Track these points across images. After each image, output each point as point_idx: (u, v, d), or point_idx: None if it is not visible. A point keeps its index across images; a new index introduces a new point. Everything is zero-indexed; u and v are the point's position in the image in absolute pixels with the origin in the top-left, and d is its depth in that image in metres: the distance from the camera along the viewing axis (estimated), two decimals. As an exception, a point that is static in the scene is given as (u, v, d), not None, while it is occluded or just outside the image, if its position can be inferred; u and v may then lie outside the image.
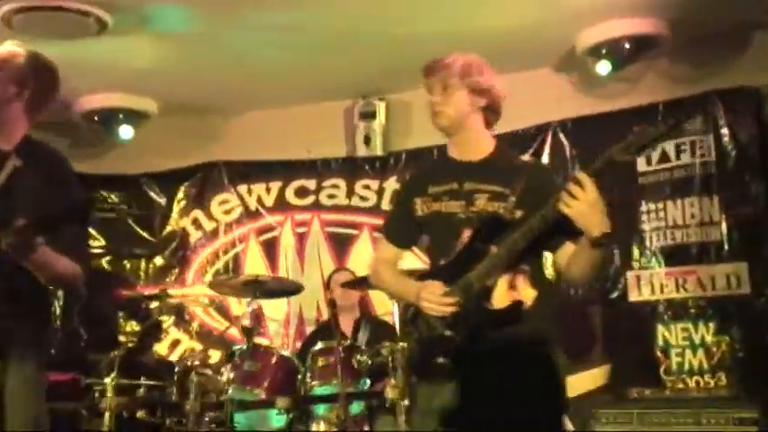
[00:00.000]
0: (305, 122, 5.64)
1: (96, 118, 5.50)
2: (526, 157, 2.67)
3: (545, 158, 5.16)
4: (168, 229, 5.91)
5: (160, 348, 5.70)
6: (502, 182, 2.47)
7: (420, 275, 2.59)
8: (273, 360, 4.03)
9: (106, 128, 5.55)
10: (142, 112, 5.55)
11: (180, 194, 5.91)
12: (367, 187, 5.61)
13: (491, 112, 2.59)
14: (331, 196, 5.67)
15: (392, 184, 5.53)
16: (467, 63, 2.54)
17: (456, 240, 2.47)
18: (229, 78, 5.26)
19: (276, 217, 5.74)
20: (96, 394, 4.40)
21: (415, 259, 3.41)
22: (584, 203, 2.15)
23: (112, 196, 5.95)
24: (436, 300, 2.40)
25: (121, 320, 5.85)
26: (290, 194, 5.75)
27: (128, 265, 5.93)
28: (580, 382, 4.14)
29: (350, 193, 5.63)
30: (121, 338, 5.75)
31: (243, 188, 5.83)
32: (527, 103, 4.90)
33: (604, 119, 4.91)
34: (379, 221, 5.43)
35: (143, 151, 5.81)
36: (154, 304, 5.04)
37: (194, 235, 5.89)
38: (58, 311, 5.73)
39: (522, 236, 2.31)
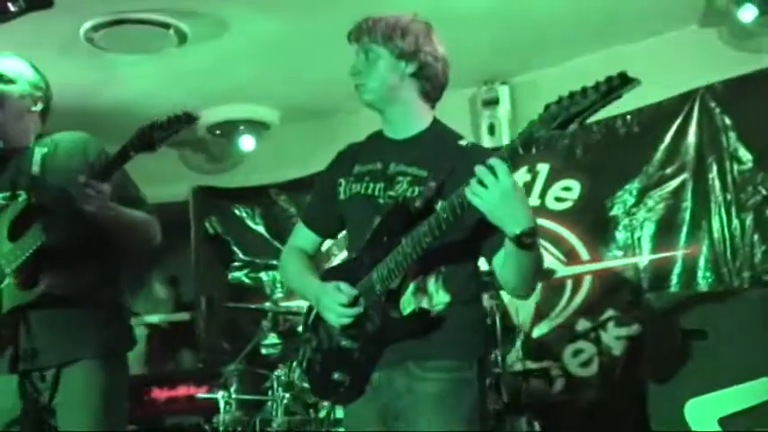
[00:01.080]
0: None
1: (219, 131, 5.52)
2: (466, 140, 2.14)
3: (692, 130, 4.51)
4: (300, 238, 5.80)
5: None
6: (427, 165, 2.04)
7: (325, 271, 2.21)
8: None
9: (229, 140, 5.56)
10: (263, 121, 5.51)
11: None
12: (495, 181, 5.17)
13: (425, 81, 2.13)
14: (459, 193, 5.29)
15: (523, 175, 5.06)
16: (390, 24, 2.11)
17: (369, 229, 2.08)
18: (346, 77, 5.05)
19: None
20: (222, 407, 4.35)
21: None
22: (495, 193, 1.72)
23: (244, 209, 5.94)
24: (335, 309, 2.04)
25: (262, 333, 5.83)
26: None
27: (265, 277, 5.90)
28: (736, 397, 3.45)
29: (479, 187, 5.22)
30: (263, 351, 5.75)
31: (370, 191, 5.61)
32: (667, 69, 4.31)
33: (759, 78, 4.19)
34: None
35: (269, 161, 5.77)
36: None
37: (325, 243, 5.72)
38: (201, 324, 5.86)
39: (430, 230, 1.87)
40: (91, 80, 4.53)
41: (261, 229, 5.91)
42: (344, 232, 2.29)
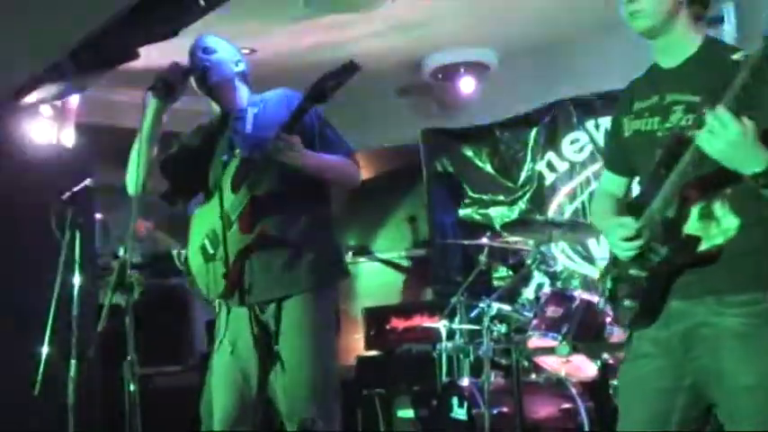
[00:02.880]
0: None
1: (441, 76, 5.74)
2: (741, 53, 2.03)
3: None
4: (525, 174, 5.90)
5: (527, 293, 5.77)
6: (700, 89, 1.99)
7: (621, 209, 2.25)
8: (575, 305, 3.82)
9: (452, 83, 5.77)
10: (482, 63, 5.64)
11: (531, 139, 5.85)
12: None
13: (699, 5, 2.09)
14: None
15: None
16: None
17: (652, 163, 2.07)
18: (560, 13, 5.02)
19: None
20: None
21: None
22: (722, 142, 1.80)
23: (471, 148, 6.13)
24: (618, 244, 2.11)
25: (492, 267, 6.04)
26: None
27: (493, 213, 6.08)
28: None
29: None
30: (494, 284, 5.96)
31: (590, 124, 5.54)
32: None
33: None
34: None
35: (492, 100, 5.89)
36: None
37: (549, 178, 5.79)
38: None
39: (691, 158, 1.90)
40: (314, 42, 4.95)
41: (488, 167, 6.07)
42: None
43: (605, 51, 5.38)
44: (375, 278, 7.26)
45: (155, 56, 4.23)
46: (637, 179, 2.32)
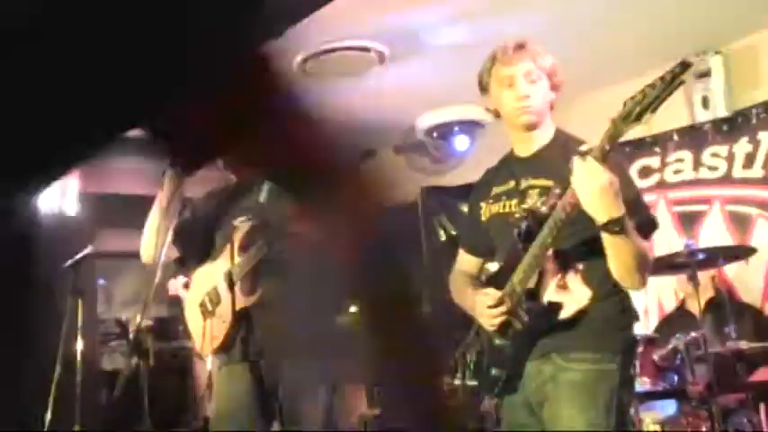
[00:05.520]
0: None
1: (435, 134, 5.85)
2: (587, 145, 2.21)
3: None
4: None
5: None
6: (553, 175, 2.19)
7: (481, 283, 2.46)
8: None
9: (446, 142, 5.87)
10: (476, 120, 5.74)
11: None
12: (716, 155, 4.95)
13: (554, 95, 2.36)
14: (677, 171, 5.14)
15: (744, 146, 4.81)
16: (540, 49, 2.34)
17: (510, 241, 2.29)
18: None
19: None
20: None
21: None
22: (595, 185, 1.96)
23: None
24: (484, 312, 2.28)
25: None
26: (633, 176, 5.35)
27: (491, 268, 6.09)
28: None
29: (696, 164, 5.03)
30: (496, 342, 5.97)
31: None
32: None
33: None
34: (733, 191, 4.81)
35: (487, 157, 5.94)
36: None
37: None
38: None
39: (549, 230, 2.07)
40: (307, 106, 5.05)
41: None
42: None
43: (592, 106, 5.49)
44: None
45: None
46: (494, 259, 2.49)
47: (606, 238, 2.03)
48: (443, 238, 6.26)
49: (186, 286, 3.15)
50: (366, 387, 4.90)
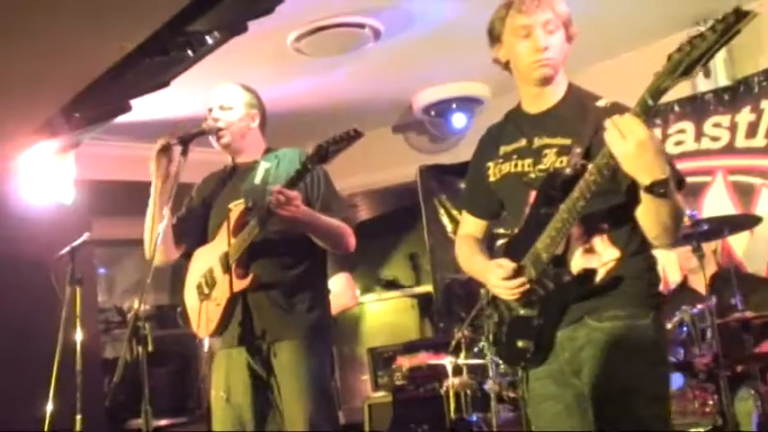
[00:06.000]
0: (639, 68, 5.09)
1: (433, 112, 5.78)
2: (604, 100, 2.14)
3: None
4: (525, 205, 5.89)
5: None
6: (571, 133, 2.07)
7: (494, 251, 2.31)
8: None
9: (444, 119, 5.80)
10: (475, 97, 5.67)
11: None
12: (718, 125, 4.88)
13: (568, 47, 2.20)
14: (678, 143, 5.06)
15: (746, 115, 4.74)
16: None
17: (525, 205, 2.15)
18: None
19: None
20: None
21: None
22: (630, 145, 1.80)
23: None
24: (503, 284, 2.13)
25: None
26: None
27: (496, 246, 6.04)
28: None
29: (698, 135, 4.96)
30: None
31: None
32: None
33: None
34: (735, 161, 4.75)
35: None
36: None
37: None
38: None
39: (581, 192, 1.94)
40: (304, 85, 5.00)
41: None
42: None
43: (603, 81, 5.41)
44: (380, 318, 7.22)
45: (148, 107, 4.30)
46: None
47: (647, 200, 1.89)
48: (450, 227, 6.19)
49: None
50: None
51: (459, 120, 5.73)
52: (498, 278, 2.13)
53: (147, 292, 2.64)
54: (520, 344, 2.16)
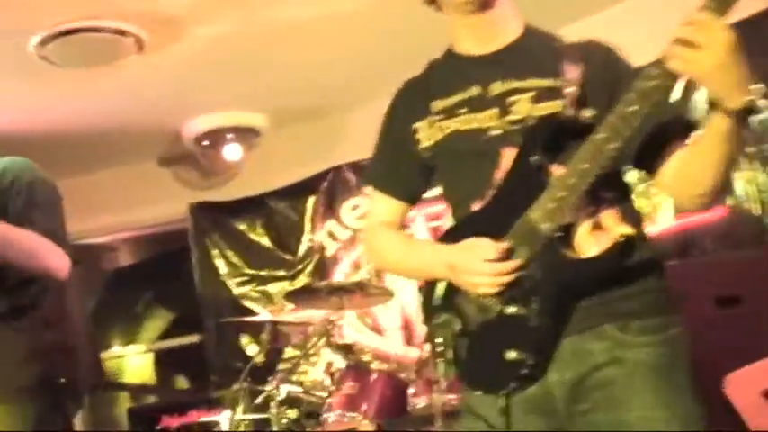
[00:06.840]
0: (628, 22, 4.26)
1: (206, 142, 5.28)
2: (570, 40, 1.70)
3: None
4: (305, 245, 5.51)
5: (315, 373, 5.32)
6: (548, 72, 1.61)
7: (442, 238, 1.71)
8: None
9: (217, 151, 5.31)
10: (251, 127, 5.25)
11: (310, 208, 5.51)
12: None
13: None
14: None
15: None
16: None
17: (493, 169, 1.61)
18: (338, 73, 4.72)
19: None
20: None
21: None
22: (710, 55, 1.30)
23: (245, 222, 5.67)
24: (483, 269, 1.52)
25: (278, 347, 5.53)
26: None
27: (272, 290, 5.62)
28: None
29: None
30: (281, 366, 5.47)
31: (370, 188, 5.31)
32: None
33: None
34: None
35: (264, 168, 5.50)
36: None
37: (331, 248, 5.45)
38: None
39: (614, 132, 1.43)
40: (47, 98, 4.29)
41: (264, 240, 5.64)
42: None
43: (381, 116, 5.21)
44: (144, 374, 6.49)
45: None
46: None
47: (719, 135, 1.40)
48: (224, 270, 5.65)
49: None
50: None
51: (233, 152, 5.26)
52: (480, 260, 1.53)
53: None
54: (511, 355, 1.53)
